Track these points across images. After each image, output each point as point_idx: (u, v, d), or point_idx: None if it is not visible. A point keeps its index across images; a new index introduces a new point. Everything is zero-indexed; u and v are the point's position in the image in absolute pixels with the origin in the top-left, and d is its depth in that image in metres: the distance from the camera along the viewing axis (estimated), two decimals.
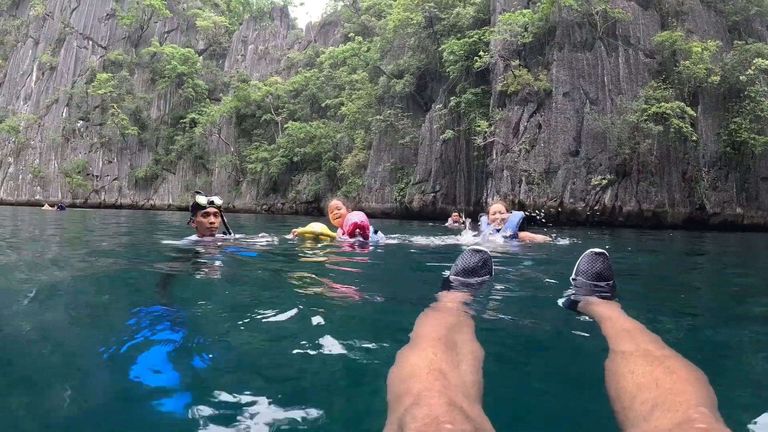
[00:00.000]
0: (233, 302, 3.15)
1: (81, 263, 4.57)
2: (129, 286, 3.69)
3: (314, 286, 3.53)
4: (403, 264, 5.77)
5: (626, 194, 28.48)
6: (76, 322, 2.61)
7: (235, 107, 62.00)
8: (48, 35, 78.05)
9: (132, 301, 3.22)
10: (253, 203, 56.66)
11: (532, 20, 32.15)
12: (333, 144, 50.15)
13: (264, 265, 4.87)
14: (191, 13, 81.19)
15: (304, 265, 4.91)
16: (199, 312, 2.79)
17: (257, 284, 3.81)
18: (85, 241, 8.83)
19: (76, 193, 66.71)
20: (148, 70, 74.51)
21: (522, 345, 2.38)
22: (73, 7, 78.88)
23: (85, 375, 1.89)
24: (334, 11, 73.67)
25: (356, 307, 3.04)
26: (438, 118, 37.41)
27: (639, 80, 30.26)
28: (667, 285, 4.87)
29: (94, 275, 4.01)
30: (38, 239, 8.32)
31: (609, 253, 2.69)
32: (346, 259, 5.45)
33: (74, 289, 3.41)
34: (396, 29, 42.12)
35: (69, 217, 21.57)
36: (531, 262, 5.64)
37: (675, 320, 2.98)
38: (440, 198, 36.58)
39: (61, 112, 72.46)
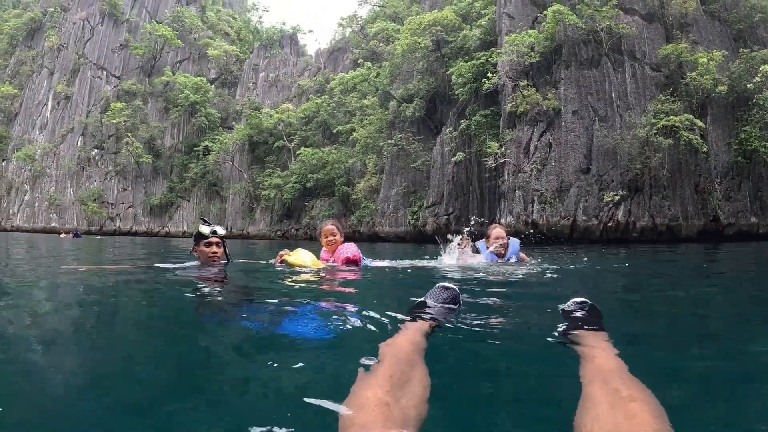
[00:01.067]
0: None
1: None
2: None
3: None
4: (388, 288, 5.94)
5: (639, 209, 28.63)
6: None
7: (247, 135, 63.33)
8: (63, 65, 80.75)
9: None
10: (267, 229, 57.43)
11: (537, 40, 32.70)
12: (345, 169, 50.83)
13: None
14: (202, 43, 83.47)
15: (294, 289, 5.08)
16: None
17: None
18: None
19: (91, 221, 68.37)
20: (162, 99, 76.60)
21: (482, 372, 2.53)
22: (87, 38, 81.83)
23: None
24: (343, 38, 75.15)
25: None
26: (449, 140, 37.96)
27: (647, 94, 30.62)
28: (681, 307, 4.94)
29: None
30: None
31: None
32: (337, 284, 5.58)
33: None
34: (404, 54, 42.87)
35: (87, 246, 22.18)
36: (508, 287, 5.85)
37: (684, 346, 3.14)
38: (453, 220, 36.80)
39: (76, 141, 74.75)
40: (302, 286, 5.28)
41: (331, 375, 2.29)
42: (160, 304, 4.39)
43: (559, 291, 5.47)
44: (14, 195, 74.93)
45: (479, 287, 5.27)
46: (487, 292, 5.05)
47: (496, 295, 4.98)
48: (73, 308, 4.14)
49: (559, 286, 5.93)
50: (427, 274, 7.33)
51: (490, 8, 39.64)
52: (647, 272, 9.07)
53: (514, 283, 5.99)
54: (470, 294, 4.44)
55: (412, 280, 6.56)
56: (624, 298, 5.55)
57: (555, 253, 18.81)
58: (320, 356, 2.61)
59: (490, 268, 7.53)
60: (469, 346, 2.79)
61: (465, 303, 3.57)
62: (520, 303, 4.61)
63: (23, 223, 70.89)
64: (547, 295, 5.13)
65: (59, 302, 4.52)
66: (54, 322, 3.58)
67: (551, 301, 3.33)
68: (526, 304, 4.54)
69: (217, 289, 4.89)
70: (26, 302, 4.31)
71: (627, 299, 5.39)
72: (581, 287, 6.29)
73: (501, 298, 4.78)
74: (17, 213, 73.11)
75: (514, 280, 6.28)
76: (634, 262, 12.33)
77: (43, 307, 4.10)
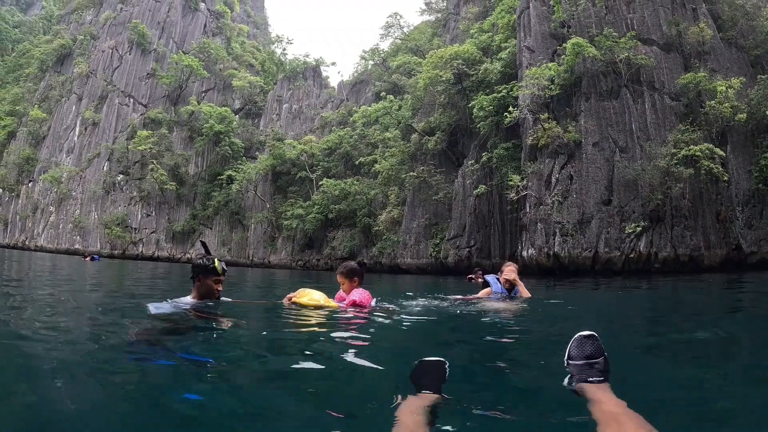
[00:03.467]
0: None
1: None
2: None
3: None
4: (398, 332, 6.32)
5: (661, 240, 28.97)
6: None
7: (270, 165, 64.94)
8: (91, 92, 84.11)
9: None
10: (289, 259, 58.48)
11: (557, 73, 33.63)
12: (367, 201, 51.81)
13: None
14: (227, 74, 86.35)
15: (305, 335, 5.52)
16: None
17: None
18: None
19: (114, 244, 70.20)
20: (187, 128, 79.21)
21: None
22: (115, 66, 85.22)
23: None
24: (365, 70, 77.03)
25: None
26: (470, 173, 38.87)
27: (666, 124, 31.22)
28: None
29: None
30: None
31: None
32: (345, 329, 5.92)
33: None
34: (426, 87, 44.12)
35: (106, 271, 23.25)
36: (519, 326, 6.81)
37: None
38: (475, 253, 37.48)
39: (102, 166, 77.42)
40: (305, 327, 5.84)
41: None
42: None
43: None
44: (39, 216, 77.53)
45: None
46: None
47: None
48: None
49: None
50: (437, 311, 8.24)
51: (511, 41, 40.83)
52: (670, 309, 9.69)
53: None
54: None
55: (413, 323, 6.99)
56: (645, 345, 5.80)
57: (575, 287, 19.46)
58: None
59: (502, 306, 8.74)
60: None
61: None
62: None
63: (47, 243, 73.11)
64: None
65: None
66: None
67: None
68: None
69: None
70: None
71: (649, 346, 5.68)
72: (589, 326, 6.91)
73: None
74: (41, 233, 75.55)
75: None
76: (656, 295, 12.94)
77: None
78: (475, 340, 5.89)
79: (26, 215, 78.42)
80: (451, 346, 5.45)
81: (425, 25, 74.65)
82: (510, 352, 5.16)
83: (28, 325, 5.88)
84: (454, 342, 5.88)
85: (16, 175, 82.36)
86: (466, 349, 5.34)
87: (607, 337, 3.23)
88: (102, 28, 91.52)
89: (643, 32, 33.84)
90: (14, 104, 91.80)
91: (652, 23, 34.40)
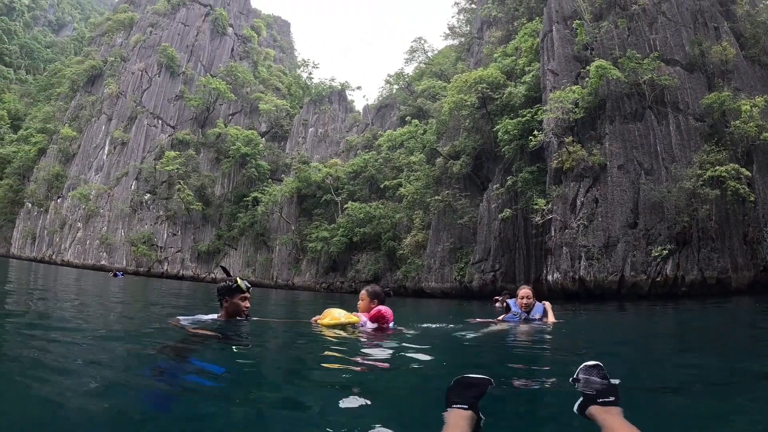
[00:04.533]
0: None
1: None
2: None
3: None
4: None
5: (688, 263, 28.67)
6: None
7: (296, 187, 66.34)
8: (120, 113, 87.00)
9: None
10: (313, 281, 59.07)
11: (581, 95, 33.94)
12: (392, 224, 52.30)
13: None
14: (254, 97, 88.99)
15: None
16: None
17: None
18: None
19: (140, 262, 71.70)
20: (214, 150, 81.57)
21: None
22: (144, 88, 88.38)
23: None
24: (390, 94, 78.14)
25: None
26: (495, 197, 39.13)
27: (691, 145, 31.13)
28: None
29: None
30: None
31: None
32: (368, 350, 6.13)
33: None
34: (451, 111, 44.69)
35: (131, 288, 23.90)
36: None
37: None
38: (500, 277, 37.49)
39: (130, 185, 79.74)
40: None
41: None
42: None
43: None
44: (67, 231, 79.39)
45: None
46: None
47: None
48: None
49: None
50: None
51: (534, 65, 41.42)
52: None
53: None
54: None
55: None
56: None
57: (601, 311, 19.55)
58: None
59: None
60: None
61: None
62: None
63: (74, 258, 74.64)
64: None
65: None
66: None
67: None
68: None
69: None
70: None
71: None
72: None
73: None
74: (69, 249, 77.25)
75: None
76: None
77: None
78: (481, 363, 6.21)
79: (54, 230, 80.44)
80: (453, 368, 5.60)
81: (449, 50, 75.66)
82: (515, 374, 5.26)
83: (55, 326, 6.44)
84: (460, 365, 6.15)
85: (46, 190, 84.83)
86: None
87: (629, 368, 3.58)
88: (132, 50, 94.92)
89: (666, 53, 34.12)
90: (45, 122, 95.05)
91: (674, 43, 34.68)
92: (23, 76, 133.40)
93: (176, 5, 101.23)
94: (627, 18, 36.60)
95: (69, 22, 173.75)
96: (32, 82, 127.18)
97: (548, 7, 41.20)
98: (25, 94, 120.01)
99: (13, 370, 4.19)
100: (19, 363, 4.49)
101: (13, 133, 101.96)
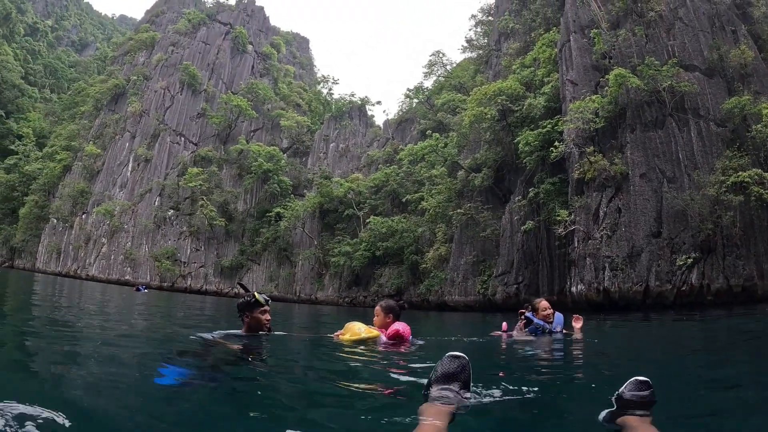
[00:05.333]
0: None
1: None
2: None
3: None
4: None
5: (713, 271, 28.38)
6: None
7: (318, 202, 67.22)
8: (144, 130, 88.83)
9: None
10: (336, 295, 59.61)
11: (601, 105, 34.04)
12: (414, 238, 52.63)
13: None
14: (275, 114, 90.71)
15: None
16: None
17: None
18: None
19: (164, 277, 72.82)
20: (236, 166, 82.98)
21: None
22: (167, 106, 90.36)
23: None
24: (410, 108, 78.75)
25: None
26: (517, 209, 39.19)
27: (713, 152, 30.82)
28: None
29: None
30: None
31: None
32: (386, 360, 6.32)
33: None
34: (471, 124, 44.93)
35: (154, 302, 24.38)
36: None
37: None
38: (523, 289, 37.42)
39: (153, 201, 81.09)
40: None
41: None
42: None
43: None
44: (92, 246, 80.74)
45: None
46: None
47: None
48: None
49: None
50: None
51: (553, 75, 41.64)
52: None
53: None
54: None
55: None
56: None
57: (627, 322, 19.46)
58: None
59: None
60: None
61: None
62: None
63: (98, 273, 75.97)
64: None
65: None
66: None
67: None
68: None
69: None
70: None
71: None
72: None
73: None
74: (93, 263, 78.61)
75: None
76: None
77: None
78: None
79: (79, 245, 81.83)
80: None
81: (467, 62, 75.93)
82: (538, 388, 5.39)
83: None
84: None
85: (71, 206, 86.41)
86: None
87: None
88: (154, 69, 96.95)
89: (685, 58, 34.03)
90: (70, 140, 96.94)
91: (693, 49, 34.59)
92: (48, 95, 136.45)
93: (197, 24, 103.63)
94: (644, 25, 36.66)
95: (92, 42, 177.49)
96: (56, 101, 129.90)
97: (565, 17, 41.51)
98: (50, 112, 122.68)
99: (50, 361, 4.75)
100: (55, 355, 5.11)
101: (38, 151, 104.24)
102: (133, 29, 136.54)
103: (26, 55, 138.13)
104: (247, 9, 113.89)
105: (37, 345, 6.49)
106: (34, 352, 5.91)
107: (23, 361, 5.27)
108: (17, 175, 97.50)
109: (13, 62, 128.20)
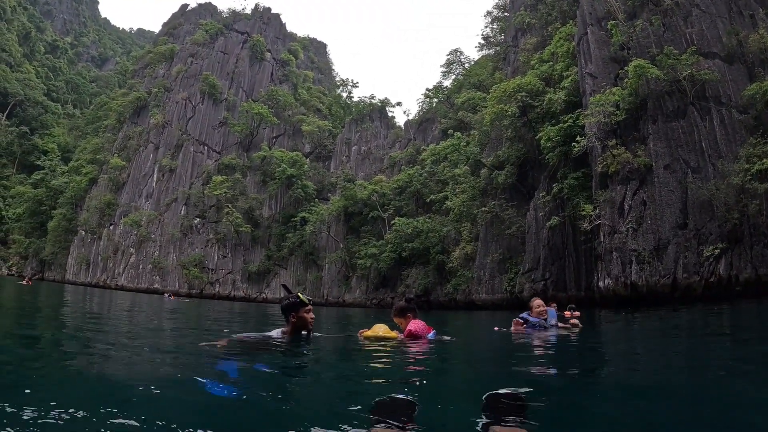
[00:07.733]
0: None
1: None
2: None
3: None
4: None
5: (741, 261, 27.98)
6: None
7: (342, 206, 68.05)
8: (167, 141, 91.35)
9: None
10: (363, 297, 60.38)
11: (622, 97, 34.04)
12: (440, 238, 53.07)
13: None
14: (296, 119, 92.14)
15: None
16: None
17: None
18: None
19: (192, 284, 74.54)
20: (259, 173, 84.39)
21: None
22: (189, 116, 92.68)
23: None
24: (430, 108, 79.12)
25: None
26: (542, 205, 39.46)
27: (737, 139, 30.41)
28: None
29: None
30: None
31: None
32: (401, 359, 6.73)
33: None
34: (492, 122, 45.26)
35: (185, 309, 25.14)
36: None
37: None
38: (551, 285, 37.60)
39: (179, 210, 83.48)
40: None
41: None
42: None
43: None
44: (120, 257, 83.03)
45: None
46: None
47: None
48: None
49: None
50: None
51: (572, 69, 41.78)
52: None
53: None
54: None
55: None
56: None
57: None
58: None
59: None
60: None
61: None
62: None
63: (127, 282, 78.21)
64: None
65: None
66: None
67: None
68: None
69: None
70: None
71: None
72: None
73: None
74: (122, 273, 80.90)
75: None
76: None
77: None
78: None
79: (107, 256, 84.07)
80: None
81: (485, 59, 76.03)
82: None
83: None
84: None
85: (98, 218, 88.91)
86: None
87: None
88: (174, 80, 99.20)
89: (704, 46, 33.68)
90: (95, 153, 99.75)
91: (711, 36, 34.17)
92: (71, 110, 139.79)
93: (214, 35, 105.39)
94: (661, 14, 36.48)
95: (111, 57, 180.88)
96: (80, 116, 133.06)
97: (581, 9, 41.67)
98: (74, 127, 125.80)
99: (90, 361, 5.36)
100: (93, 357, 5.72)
101: (64, 165, 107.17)
102: (152, 42, 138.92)
103: (48, 73, 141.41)
104: (264, 17, 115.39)
105: (99, 351, 7.19)
106: (100, 359, 6.47)
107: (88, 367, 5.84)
108: (44, 190, 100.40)
109: (35, 80, 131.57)
